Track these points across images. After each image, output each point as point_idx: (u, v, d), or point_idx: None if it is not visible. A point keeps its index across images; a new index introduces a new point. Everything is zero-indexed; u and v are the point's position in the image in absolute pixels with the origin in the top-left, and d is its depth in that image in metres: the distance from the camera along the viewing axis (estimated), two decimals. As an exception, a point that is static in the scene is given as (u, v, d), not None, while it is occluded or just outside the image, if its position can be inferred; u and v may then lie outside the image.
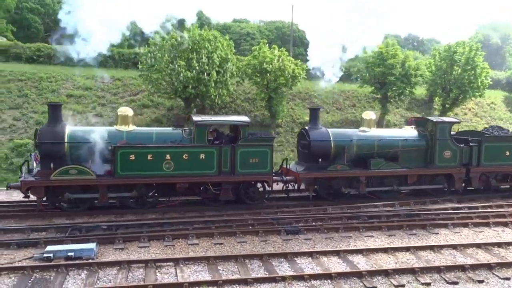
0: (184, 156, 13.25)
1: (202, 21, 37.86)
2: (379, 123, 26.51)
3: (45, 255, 9.47)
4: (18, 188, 12.68)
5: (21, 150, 19.10)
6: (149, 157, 13.01)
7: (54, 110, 13.29)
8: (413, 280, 8.99)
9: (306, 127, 15.45)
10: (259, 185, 14.42)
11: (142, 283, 8.47)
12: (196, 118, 13.66)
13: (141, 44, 26.41)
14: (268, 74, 22.54)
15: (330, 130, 15.43)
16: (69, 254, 9.54)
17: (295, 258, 9.93)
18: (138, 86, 25.17)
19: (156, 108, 24.21)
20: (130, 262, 9.35)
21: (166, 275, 8.96)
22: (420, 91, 29.58)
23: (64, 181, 12.53)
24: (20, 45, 29.81)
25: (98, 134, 13.07)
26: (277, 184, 14.85)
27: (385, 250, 10.53)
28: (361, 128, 16.01)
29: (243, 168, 13.64)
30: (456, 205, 15.10)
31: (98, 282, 8.59)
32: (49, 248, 9.73)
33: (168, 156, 13.13)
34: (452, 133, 16.96)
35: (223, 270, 9.26)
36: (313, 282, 8.73)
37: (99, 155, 13.08)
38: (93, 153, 13.05)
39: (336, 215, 13.26)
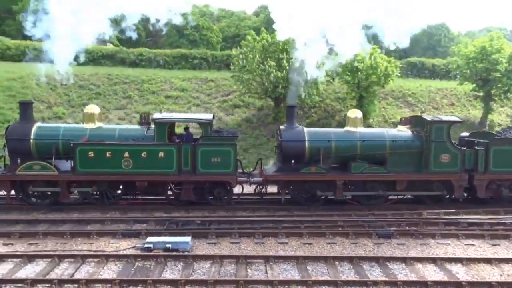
0: (142, 154, 13.04)
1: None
2: (481, 124, 24.52)
3: (146, 245, 10.20)
4: None
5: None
6: (107, 154, 13.01)
7: (25, 108, 13.88)
8: (522, 295, 8.20)
9: (281, 126, 14.51)
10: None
11: (233, 278, 8.75)
12: (155, 115, 13.60)
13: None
14: (359, 73, 21.98)
15: (308, 130, 14.23)
16: (167, 246, 10.15)
17: (387, 263, 9.56)
18: (230, 87, 26.01)
19: (247, 108, 24.82)
20: (222, 257, 9.70)
21: (256, 272, 9.16)
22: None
23: (28, 176, 13.06)
24: (125, 50, 32.46)
25: (62, 131, 13.63)
26: (250, 185, 14.10)
27: (488, 261, 9.71)
28: (346, 128, 14.48)
29: (205, 168, 13.16)
30: None
31: (193, 274, 9.04)
32: (150, 239, 10.45)
33: (126, 154, 13.03)
34: (465, 134, 15.30)
35: (312, 270, 9.22)
36: (407, 289, 8.35)
37: (63, 151, 13.42)
38: (58, 150, 13.40)
39: (432, 220, 12.51)
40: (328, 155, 13.67)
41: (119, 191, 13.94)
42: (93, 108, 14.37)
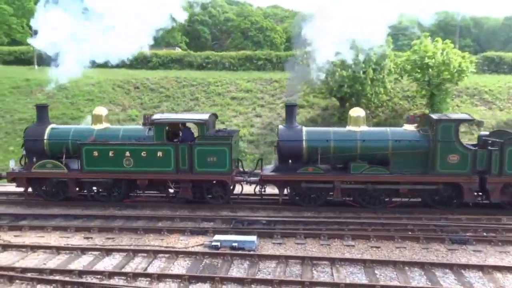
0: (142, 154, 13.44)
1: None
2: None
3: (213, 243, 10.47)
4: (5, 178, 14.48)
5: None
6: (110, 153, 13.55)
7: (41, 111, 14.92)
8: None
9: (280, 126, 14.23)
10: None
11: (299, 278, 8.74)
12: (155, 116, 13.96)
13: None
14: (430, 70, 20.99)
15: (307, 129, 13.80)
16: (233, 244, 10.35)
17: (462, 271, 9.06)
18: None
19: (311, 108, 24.65)
20: (287, 257, 9.73)
21: (322, 274, 9.07)
22: None
23: (41, 174, 13.96)
24: (192, 54, 33.58)
25: (72, 132, 14.45)
26: (250, 185, 13.91)
27: None
28: (348, 127, 13.81)
29: (201, 167, 13.32)
30: None
31: (258, 273, 9.15)
32: (217, 237, 10.71)
33: (127, 153, 13.49)
34: (484, 133, 14.00)
35: (381, 274, 8.97)
36: (484, 299, 7.87)
37: (73, 151, 14.11)
38: (68, 149, 14.18)
39: (513, 227, 11.66)
40: (327, 155, 13.32)
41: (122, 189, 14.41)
42: (100, 110, 15.11)
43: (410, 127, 13.71)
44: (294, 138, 13.47)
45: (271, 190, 14.29)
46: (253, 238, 10.62)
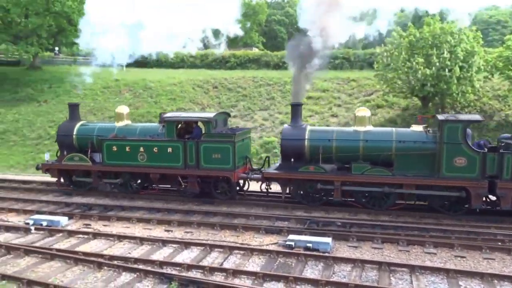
0: (154, 149, 14.36)
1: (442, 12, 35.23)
2: None
3: (287, 242, 10.49)
4: (40, 169, 16.11)
5: (268, 146, 21.64)
6: (127, 149, 14.64)
7: (72, 109, 16.65)
8: None
9: (285, 125, 14.46)
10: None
11: (375, 284, 8.46)
12: (166, 114, 14.97)
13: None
14: (525, 67, 19.26)
15: (311, 128, 13.92)
16: (308, 245, 10.29)
17: (562, 289, 8.20)
18: (373, 86, 25.19)
19: (391, 108, 23.73)
20: (364, 262, 9.47)
21: (401, 281, 8.71)
22: None
23: (68, 166, 15.51)
24: (269, 53, 33.93)
25: (97, 128, 15.88)
26: (257, 182, 14.32)
27: None
28: (354, 128, 13.58)
29: (207, 163, 13.94)
30: None
31: (333, 275, 9.00)
32: (291, 237, 10.72)
33: (141, 149, 14.49)
34: (506, 135, 13.00)
35: (466, 286, 8.40)
36: None
37: (97, 146, 15.34)
38: (93, 144, 15.46)
39: None
40: (329, 155, 13.28)
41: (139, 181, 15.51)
42: (122, 109, 16.47)
43: (418, 128, 13.24)
44: (297, 137, 13.60)
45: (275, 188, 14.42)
46: (328, 239, 10.47)
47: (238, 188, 15.03)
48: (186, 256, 10.14)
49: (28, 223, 12.37)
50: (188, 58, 35.47)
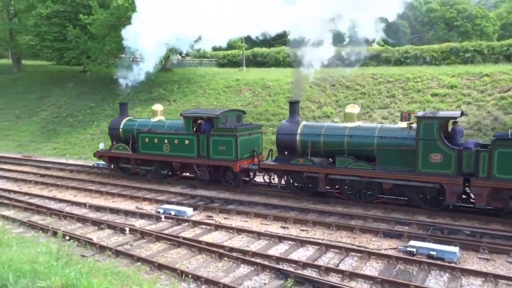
0: (175, 141, 16.85)
1: None
2: None
3: (408, 248, 9.92)
4: (95, 156, 20.03)
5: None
6: (155, 140, 17.34)
7: (122, 107, 20.13)
8: None
9: (283, 121, 16.05)
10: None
11: (512, 303, 7.58)
12: (184, 111, 17.53)
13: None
14: None
15: (304, 124, 15.17)
16: (431, 253, 9.62)
17: None
18: (510, 81, 22.53)
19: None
20: (497, 277, 8.53)
21: (544, 303, 7.67)
22: None
23: (114, 154, 18.85)
24: (390, 49, 32.38)
25: (137, 123, 18.88)
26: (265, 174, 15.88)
27: None
28: (344, 123, 14.54)
29: (215, 154, 16.02)
30: None
31: (461, 288, 8.29)
32: (412, 243, 10.10)
33: (166, 141, 17.06)
34: (502, 133, 12.94)
35: None
36: None
37: (136, 137, 18.04)
38: (134, 136, 18.36)
39: None
40: (317, 149, 14.28)
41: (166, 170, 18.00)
42: (157, 107, 19.34)
43: (402, 124, 13.44)
44: (290, 132, 14.95)
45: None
46: (455, 249, 9.66)
47: (248, 178, 16.89)
48: (302, 254, 10.20)
49: (159, 212, 13.63)
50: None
